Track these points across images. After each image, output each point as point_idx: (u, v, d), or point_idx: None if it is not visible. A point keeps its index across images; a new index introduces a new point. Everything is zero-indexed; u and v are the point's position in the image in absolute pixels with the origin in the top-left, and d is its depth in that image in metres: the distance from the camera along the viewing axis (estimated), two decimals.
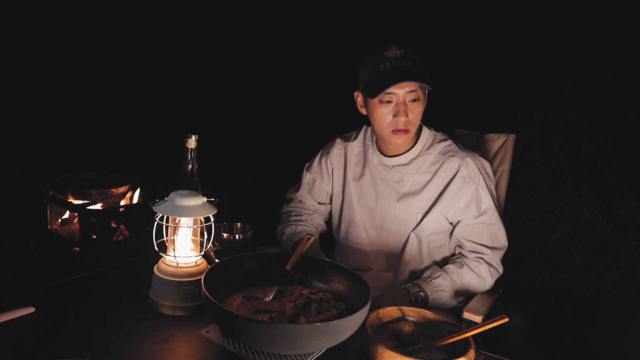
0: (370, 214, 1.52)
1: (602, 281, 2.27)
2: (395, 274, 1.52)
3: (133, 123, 2.91)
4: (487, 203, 1.42)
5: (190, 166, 1.18)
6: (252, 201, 3.01)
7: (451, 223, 1.46)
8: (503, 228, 1.45)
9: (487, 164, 1.48)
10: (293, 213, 1.64)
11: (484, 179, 1.43)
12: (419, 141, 1.49)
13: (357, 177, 1.56)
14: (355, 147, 1.58)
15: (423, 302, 1.34)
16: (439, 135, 1.52)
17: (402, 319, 1.13)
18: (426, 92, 1.43)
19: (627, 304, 2.20)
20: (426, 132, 1.50)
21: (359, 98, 1.48)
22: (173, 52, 3.05)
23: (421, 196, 1.45)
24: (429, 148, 1.49)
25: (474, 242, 1.42)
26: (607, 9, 2.21)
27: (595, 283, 2.28)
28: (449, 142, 1.49)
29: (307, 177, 1.67)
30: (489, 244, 1.42)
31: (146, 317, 1.10)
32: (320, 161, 1.65)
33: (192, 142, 1.17)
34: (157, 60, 3.00)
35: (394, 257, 1.51)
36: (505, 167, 1.69)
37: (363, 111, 1.49)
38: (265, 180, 3.09)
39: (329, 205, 1.67)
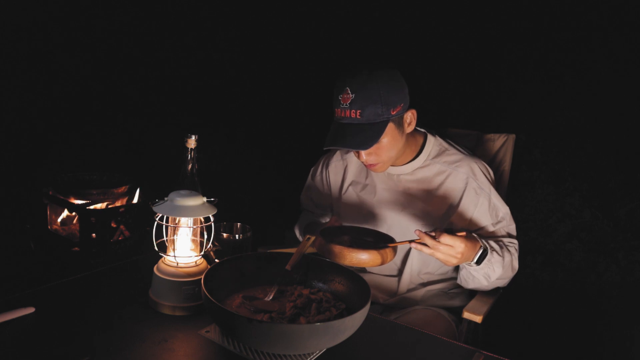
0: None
1: (602, 281, 2.26)
2: (397, 280, 1.51)
3: (133, 123, 2.91)
4: (504, 210, 1.40)
5: (190, 166, 1.18)
6: (252, 201, 3.01)
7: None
8: (515, 230, 1.42)
9: (489, 168, 1.46)
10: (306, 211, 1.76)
11: (493, 187, 1.41)
12: (424, 150, 1.44)
13: (360, 188, 1.53)
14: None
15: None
16: (444, 143, 1.46)
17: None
18: (400, 116, 1.32)
19: (627, 304, 2.20)
20: (431, 141, 1.45)
21: None
22: (173, 52, 3.05)
23: (429, 207, 1.41)
24: (434, 157, 1.44)
25: (498, 238, 1.39)
26: (607, 9, 2.20)
27: (595, 283, 2.28)
28: (453, 150, 1.45)
29: (309, 183, 1.71)
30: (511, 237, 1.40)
31: (146, 317, 1.10)
32: (321, 171, 1.65)
33: (192, 142, 1.17)
34: (157, 60, 3.00)
35: (396, 265, 1.51)
36: (506, 167, 1.68)
37: None
38: (265, 180, 3.09)
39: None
